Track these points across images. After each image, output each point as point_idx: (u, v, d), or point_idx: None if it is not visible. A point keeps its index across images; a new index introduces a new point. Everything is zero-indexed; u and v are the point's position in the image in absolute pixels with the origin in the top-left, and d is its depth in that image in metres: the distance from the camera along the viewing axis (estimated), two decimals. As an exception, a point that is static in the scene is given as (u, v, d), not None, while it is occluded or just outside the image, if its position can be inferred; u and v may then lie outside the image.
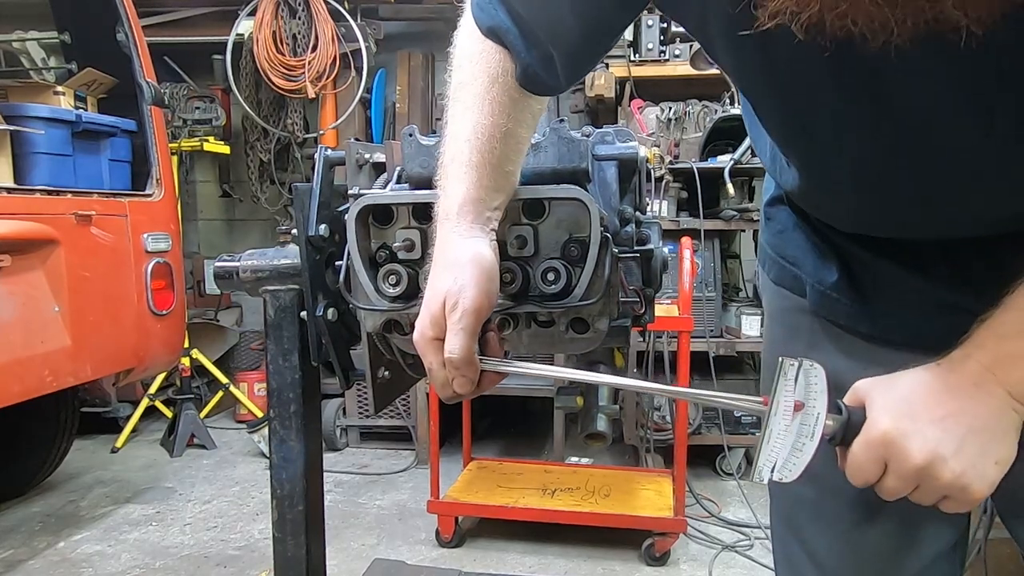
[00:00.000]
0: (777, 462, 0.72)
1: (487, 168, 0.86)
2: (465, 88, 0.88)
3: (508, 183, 0.91)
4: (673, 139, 3.58)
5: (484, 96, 0.86)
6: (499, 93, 0.86)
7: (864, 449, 0.71)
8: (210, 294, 4.78)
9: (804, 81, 0.69)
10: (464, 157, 0.86)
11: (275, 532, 1.34)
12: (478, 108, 0.86)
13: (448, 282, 0.83)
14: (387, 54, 4.54)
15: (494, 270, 0.86)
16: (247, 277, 1.33)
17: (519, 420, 4.43)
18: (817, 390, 0.71)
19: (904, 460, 0.69)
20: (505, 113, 0.86)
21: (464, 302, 0.82)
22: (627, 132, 1.23)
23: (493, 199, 0.88)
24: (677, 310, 2.78)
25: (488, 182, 0.87)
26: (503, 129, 0.86)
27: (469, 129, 0.86)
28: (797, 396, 0.71)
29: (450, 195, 0.87)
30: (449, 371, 0.84)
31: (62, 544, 3.04)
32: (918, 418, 0.69)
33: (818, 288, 0.91)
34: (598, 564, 2.85)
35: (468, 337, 0.82)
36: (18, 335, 2.50)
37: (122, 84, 3.33)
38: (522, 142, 0.91)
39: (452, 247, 0.85)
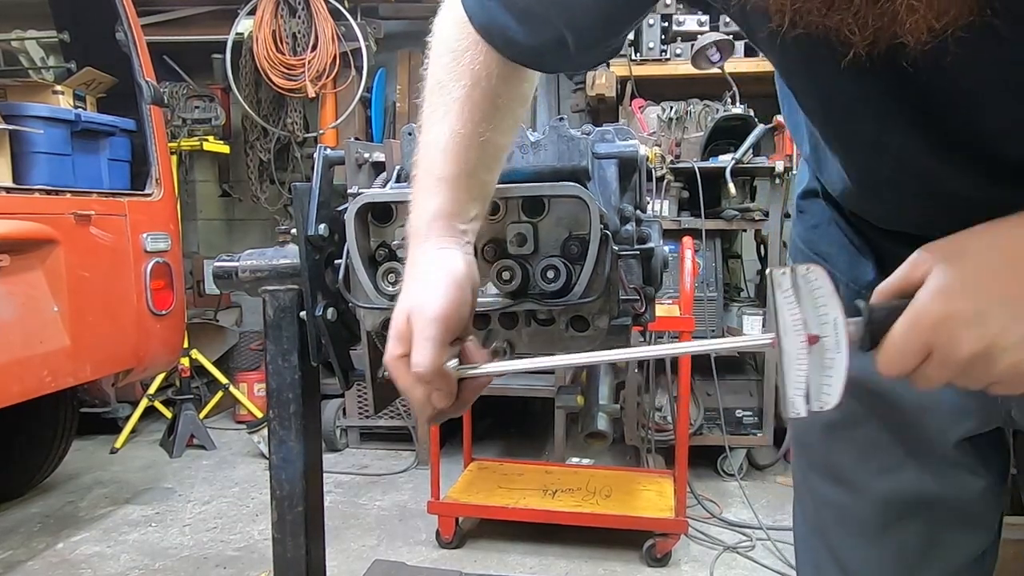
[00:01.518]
0: (809, 388, 0.62)
1: (462, 179, 0.82)
2: (444, 90, 0.83)
3: (484, 191, 0.87)
4: (674, 138, 3.57)
5: (464, 101, 0.81)
6: (480, 98, 0.82)
7: (906, 334, 0.61)
8: (210, 294, 4.77)
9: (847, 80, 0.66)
10: (438, 169, 0.82)
11: (275, 533, 1.33)
12: (456, 113, 0.81)
13: (412, 297, 0.79)
14: (387, 53, 4.54)
15: (466, 280, 0.80)
16: (246, 277, 1.32)
17: (519, 421, 4.42)
18: (824, 294, 0.62)
19: (955, 349, 0.60)
20: (485, 120, 0.82)
21: (428, 311, 0.77)
22: (627, 130, 1.22)
23: (468, 211, 0.84)
24: (678, 310, 2.78)
25: (462, 195, 0.82)
26: (481, 138, 0.82)
27: (445, 137, 0.82)
28: (803, 308, 0.62)
29: (421, 210, 0.83)
30: (422, 387, 0.78)
31: (61, 545, 3.03)
32: (982, 297, 0.59)
33: (852, 287, 0.87)
34: (599, 565, 2.84)
35: (434, 347, 0.76)
36: (17, 335, 2.49)
37: (121, 83, 3.32)
38: (501, 150, 0.87)
39: (421, 261, 0.81)
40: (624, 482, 3.14)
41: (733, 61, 3.43)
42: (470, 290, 0.81)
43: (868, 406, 0.88)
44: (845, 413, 0.92)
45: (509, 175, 1.07)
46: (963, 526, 0.89)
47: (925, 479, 0.87)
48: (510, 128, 0.88)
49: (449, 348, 0.78)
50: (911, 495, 0.88)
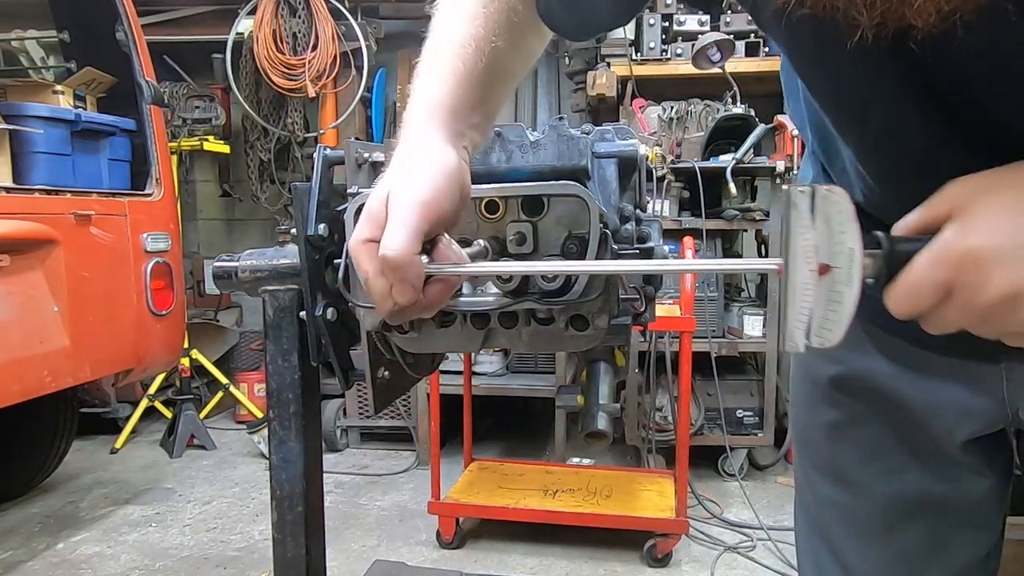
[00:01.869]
0: (812, 321, 0.57)
1: (468, 79, 0.76)
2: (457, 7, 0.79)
3: (491, 104, 0.81)
4: (675, 138, 3.57)
5: (480, 8, 0.77)
6: (496, 10, 0.77)
7: (929, 267, 0.55)
8: (210, 294, 4.77)
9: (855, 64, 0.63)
10: (444, 65, 0.77)
11: (275, 533, 1.33)
12: (470, 19, 0.77)
13: (396, 179, 0.72)
14: (388, 53, 4.54)
15: (456, 174, 0.73)
16: (246, 277, 1.32)
17: (520, 421, 4.42)
18: (842, 219, 0.56)
19: (981, 289, 0.54)
20: (499, 33, 0.77)
21: (408, 195, 0.69)
22: (627, 130, 1.22)
23: (471, 113, 0.77)
24: (679, 310, 2.77)
25: (466, 93, 0.76)
26: (493, 44, 0.76)
27: (457, 39, 0.77)
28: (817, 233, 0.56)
29: (421, 98, 0.77)
30: (386, 275, 0.70)
31: (61, 545, 3.03)
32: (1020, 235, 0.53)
33: None
34: (600, 565, 2.83)
35: (408, 232, 0.68)
36: (17, 335, 2.48)
37: (121, 83, 3.32)
38: (511, 74, 0.82)
39: (413, 150, 0.74)
40: (625, 482, 3.14)
41: (734, 61, 3.43)
42: (459, 188, 0.74)
43: (873, 406, 0.88)
44: (849, 413, 0.91)
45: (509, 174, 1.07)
46: (967, 527, 0.88)
47: (929, 480, 0.86)
48: (525, 53, 0.83)
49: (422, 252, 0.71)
50: (915, 496, 0.87)
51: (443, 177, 0.72)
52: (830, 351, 0.93)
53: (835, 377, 0.91)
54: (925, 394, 0.83)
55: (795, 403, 1.04)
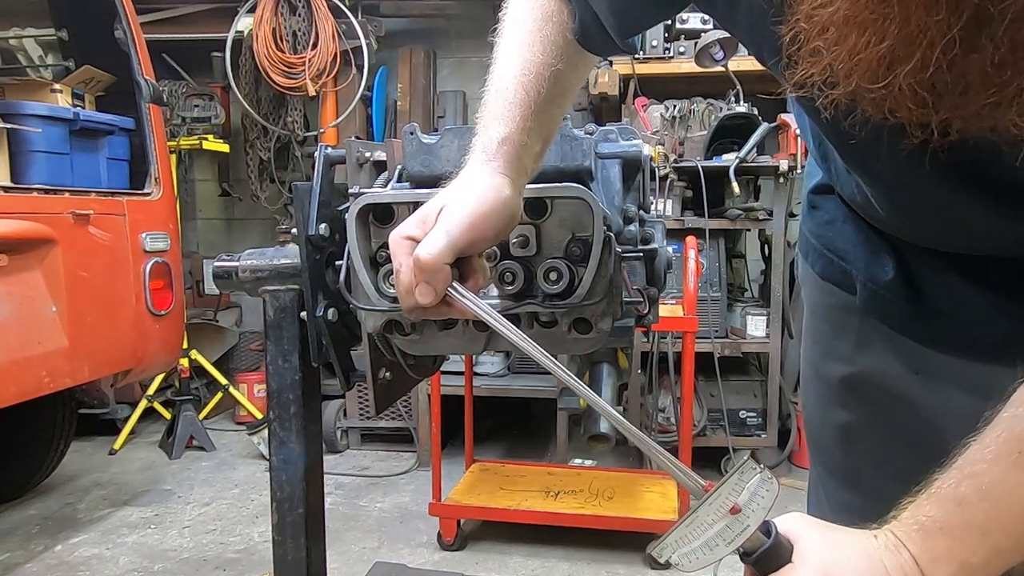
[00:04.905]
0: (685, 548, 0.67)
1: (532, 108, 0.81)
2: (517, 26, 0.84)
3: (550, 129, 0.86)
4: (677, 137, 3.55)
5: (536, 34, 0.82)
6: (552, 32, 0.82)
7: None
8: (209, 294, 4.75)
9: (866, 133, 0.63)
10: (509, 95, 0.81)
11: (275, 535, 1.32)
12: (528, 46, 0.82)
13: (454, 195, 0.78)
14: (388, 51, 4.51)
15: (507, 209, 0.78)
16: (246, 277, 1.31)
17: (522, 422, 4.40)
18: (761, 503, 0.67)
19: None
20: (557, 53, 0.82)
21: (461, 211, 0.75)
22: (631, 130, 1.21)
23: (534, 144, 0.83)
24: (682, 310, 2.76)
25: (531, 124, 0.81)
26: (552, 68, 0.81)
27: (517, 67, 0.81)
28: (741, 499, 0.67)
29: (490, 132, 0.81)
30: (416, 274, 0.75)
31: (59, 547, 3.01)
32: None
33: (870, 287, 0.85)
34: (602, 567, 2.82)
35: (448, 243, 0.74)
36: (15, 336, 2.47)
37: (120, 82, 3.31)
38: (570, 88, 0.87)
39: (477, 175, 0.79)
40: (627, 484, 3.12)
41: (737, 59, 3.41)
42: (506, 220, 0.79)
43: (884, 408, 0.87)
44: (861, 416, 0.90)
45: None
46: None
47: None
48: (582, 66, 0.88)
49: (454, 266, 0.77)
50: None
51: (497, 206, 0.77)
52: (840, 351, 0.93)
53: (845, 378, 0.91)
54: (936, 396, 0.83)
55: (806, 404, 1.03)
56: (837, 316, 0.93)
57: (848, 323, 0.91)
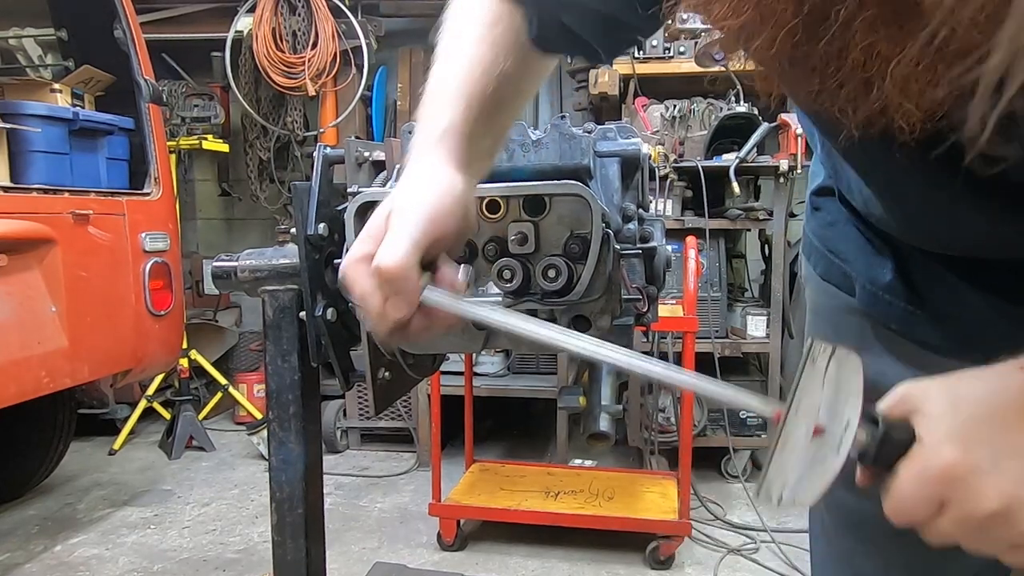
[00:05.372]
0: (791, 477, 0.57)
1: (478, 105, 0.74)
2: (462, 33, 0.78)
3: (500, 127, 0.80)
4: (677, 137, 3.55)
5: (484, 37, 0.76)
6: (500, 34, 0.76)
7: (918, 484, 0.55)
8: (209, 294, 4.74)
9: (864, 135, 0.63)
10: (453, 88, 0.75)
11: (274, 535, 1.31)
12: (476, 43, 0.76)
13: (399, 198, 0.71)
14: (388, 51, 4.51)
15: (461, 203, 0.72)
16: (245, 277, 1.30)
17: (521, 422, 4.40)
18: (850, 389, 0.56)
19: (974, 503, 0.53)
20: (507, 54, 0.75)
21: (412, 210, 0.68)
22: (629, 128, 1.21)
23: (479, 140, 0.76)
24: (682, 310, 2.75)
25: (477, 116, 0.74)
26: (501, 67, 0.75)
27: (465, 62, 0.75)
28: (826, 395, 0.56)
29: (431, 124, 0.75)
30: (381, 289, 0.67)
31: (59, 547, 3.01)
32: (995, 446, 0.53)
33: (869, 289, 0.85)
34: (602, 567, 2.81)
35: (407, 243, 0.66)
36: (15, 336, 2.46)
37: (120, 81, 3.30)
38: (521, 94, 0.81)
39: (420, 172, 0.73)
40: (627, 484, 3.12)
41: (737, 59, 3.40)
42: (463, 211, 0.73)
43: None
44: None
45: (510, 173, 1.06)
46: None
47: None
48: (534, 73, 0.82)
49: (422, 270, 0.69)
50: None
51: (450, 197, 0.71)
52: None
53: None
54: None
55: None
56: (838, 317, 0.93)
57: (849, 324, 0.90)
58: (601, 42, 0.79)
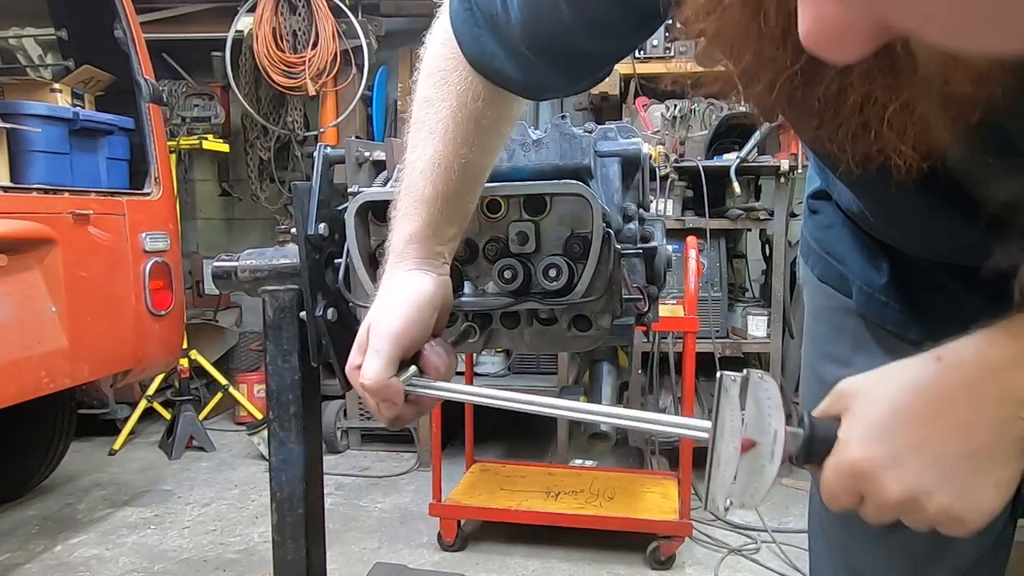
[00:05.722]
0: (735, 487, 0.64)
1: (439, 202, 0.85)
2: (431, 108, 0.85)
3: (464, 211, 0.90)
4: (678, 137, 3.54)
5: (448, 121, 0.83)
6: (465, 119, 0.83)
7: (836, 478, 0.62)
8: (209, 294, 4.74)
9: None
10: (417, 191, 0.85)
11: (275, 535, 1.32)
12: (440, 134, 0.83)
13: (375, 313, 0.84)
14: (388, 51, 4.51)
15: (430, 301, 0.85)
16: (246, 277, 1.30)
17: (522, 422, 4.39)
18: (770, 404, 0.63)
19: (880, 494, 0.60)
20: (467, 143, 0.84)
21: (382, 328, 0.82)
22: (630, 128, 1.21)
23: (445, 232, 0.87)
24: (682, 310, 2.75)
25: (439, 216, 0.86)
26: (463, 160, 0.84)
27: (427, 159, 0.84)
28: (749, 413, 0.63)
29: (400, 230, 0.87)
30: (370, 397, 0.83)
31: (59, 548, 3.01)
32: (896, 442, 0.59)
33: (866, 290, 0.87)
34: (602, 568, 2.81)
35: (381, 361, 0.80)
36: (14, 336, 2.46)
37: (120, 81, 3.30)
38: (482, 171, 0.90)
39: (392, 282, 0.86)
40: (627, 484, 3.11)
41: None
42: (431, 311, 0.85)
43: None
44: None
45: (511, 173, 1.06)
46: None
47: None
48: (494, 148, 0.90)
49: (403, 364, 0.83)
50: None
51: (415, 308, 0.83)
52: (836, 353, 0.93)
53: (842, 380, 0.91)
54: None
55: (805, 405, 1.04)
56: (835, 318, 0.94)
57: (845, 325, 0.91)
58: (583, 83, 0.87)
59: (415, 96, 0.87)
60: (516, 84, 0.82)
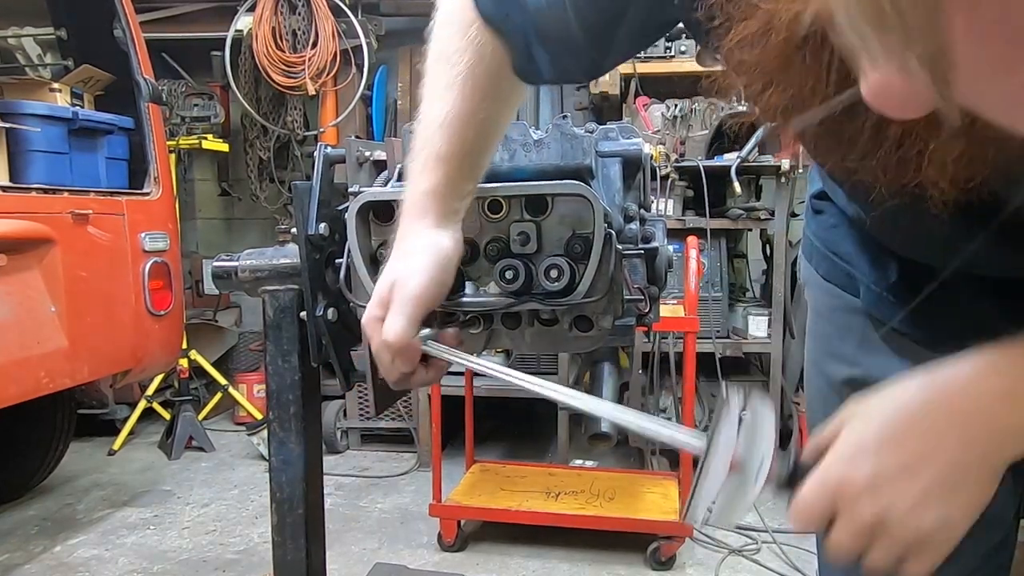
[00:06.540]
0: (717, 503, 0.65)
1: (457, 159, 0.84)
2: (448, 62, 0.82)
3: (480, 168, 0.90)
4: (679, 137, 3.54)
5: (467, 76, 0.81)
6: (483, 74, 0.81)
7: (813, 493, 0.63)
8: (209, 294, 4.73)
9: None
10: (435, 147, 0.84)
11: (275, 536, 1.31)
12: (458, 89, 0.82)
13: (399, 267, 0.85)
14: (388, 50, 4.50)
15: (450, 261, 0.87)
16: (246, 277, 1.30)
17: (522, 422, 4.39)
18: (764, 430, 0.64)
19: (854, 515, 0.61)
20: (487, 98, 0.83)
21: (409, 288, 0.83)
22: (631, 128, 1.20)
23: (461, 189, 0.88)
24: (683, 310, 2.75)
25: (456, 173, 0.85)
26: (480, 116, 0.83)
27: (444, 114, 0.83)
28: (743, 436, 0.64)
29: (417, 185, 0.86)
30: (389, 352, 0.85)
31: (58, 548, 3.00)
32: (880, 463, 0.61)
33: (874, 290, 0.86)
34: (603, 568, 2.81)
35: (406, 321, 0.83)
36: (14, 336, 2.46)
37: (119, 81, 3.29)
38: (499, 129, 0.90)
39: (412, 236, 0.86)
40: (628, 484, 3.11)
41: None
42: (452, 269, 0.88)
43: None
44: None
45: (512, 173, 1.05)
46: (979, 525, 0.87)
47: None
48: (512, 103, 0.89)
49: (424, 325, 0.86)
50: None
51: (439, 269, 0.85)
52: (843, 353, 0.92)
53: (850, 379, 0.91)
54: None
55: (810, 405, 1.03)
56: (841, 317, 0.93)
57: (852, 324, 0.91)
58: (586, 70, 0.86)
59: (431, 48, 0.85)
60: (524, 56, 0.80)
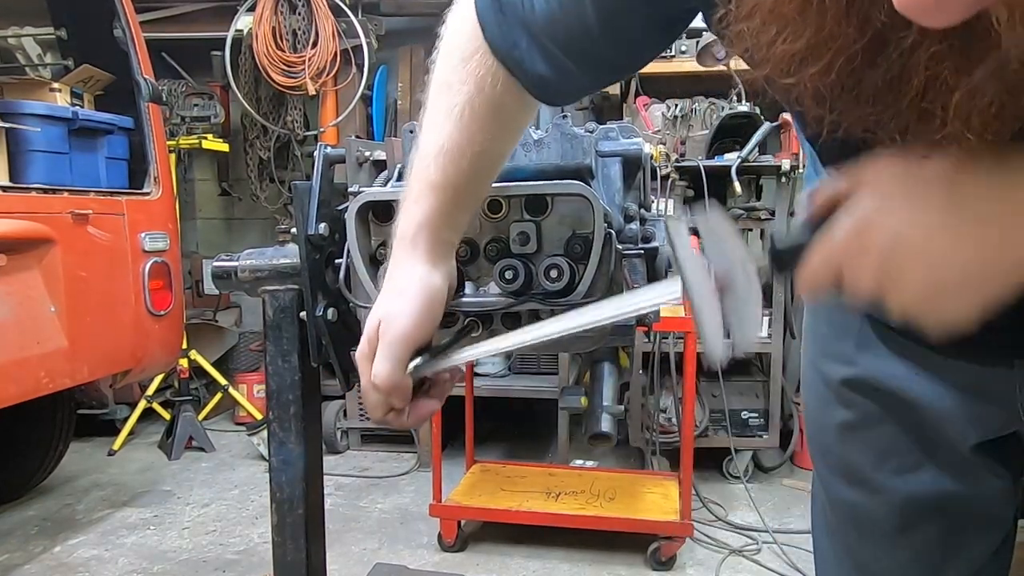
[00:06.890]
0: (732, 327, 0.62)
1: (450, 191, 0.82)
2: (449, 92, 0.81)
3: (475, 200, 0.90)
4: (679, 136, 3.54)
5: (465, 107, 0.80)
6: (482, 106, 0.80)
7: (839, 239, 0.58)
8: (209, 294, 4.73)
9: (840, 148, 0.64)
10: (428, 177, 0.82)
11: (275, 536, 1.31)
12: (456, 120, 0.80)
13: (387, 306, 0.84)
14: (388, 50, 4.50)
15: (438, 300, 0.85)
16: (246, 277, 1.30)
17: (523, 422, 4.39)
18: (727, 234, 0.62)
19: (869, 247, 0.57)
20: (484, 130, 0.81)
21: (394, 329, 0.82)
22: (631, 128, 1.20)
23: (454, 220, 0.86)
24: (683, 310, 2.74)
25: (450, 204, 0.84)
26: (476, 148, 0.81)
27: (439, 144, 0.81)
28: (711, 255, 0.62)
29: (409, 215, 0.84)
30: (380, 393, 0.84)
31: (58, 548, 3.00)
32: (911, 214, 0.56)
33: None
34: (603, 568, 2.81)
35: (393, 363, 0.81)
36: (14, 336, 2.46)
37: (119, 81, 3.29)
38: (497, 160, 0.88)
39: (401, 271, 0.85)
40: (628, 484, 3.11)
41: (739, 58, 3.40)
42: (440, 307, 0.86)
43: (886, 407, 0.87)
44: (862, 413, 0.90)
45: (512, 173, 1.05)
46: (981, 526, 0.88)
47: (945, 479, 0.85)
48: (511, 137, 0.88)
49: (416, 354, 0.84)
50: (930, 496, 0.86)
51: (427, 308, 0.84)
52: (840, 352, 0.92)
53: (847, 379, 0.91)
54: (936, 397, 0.83)
55: (807, 405, 1.04)
56: (838, 317, 0.93)
57: (849, 324, 0.90)
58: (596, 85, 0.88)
59: (432, 77, 0.83)
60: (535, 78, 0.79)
